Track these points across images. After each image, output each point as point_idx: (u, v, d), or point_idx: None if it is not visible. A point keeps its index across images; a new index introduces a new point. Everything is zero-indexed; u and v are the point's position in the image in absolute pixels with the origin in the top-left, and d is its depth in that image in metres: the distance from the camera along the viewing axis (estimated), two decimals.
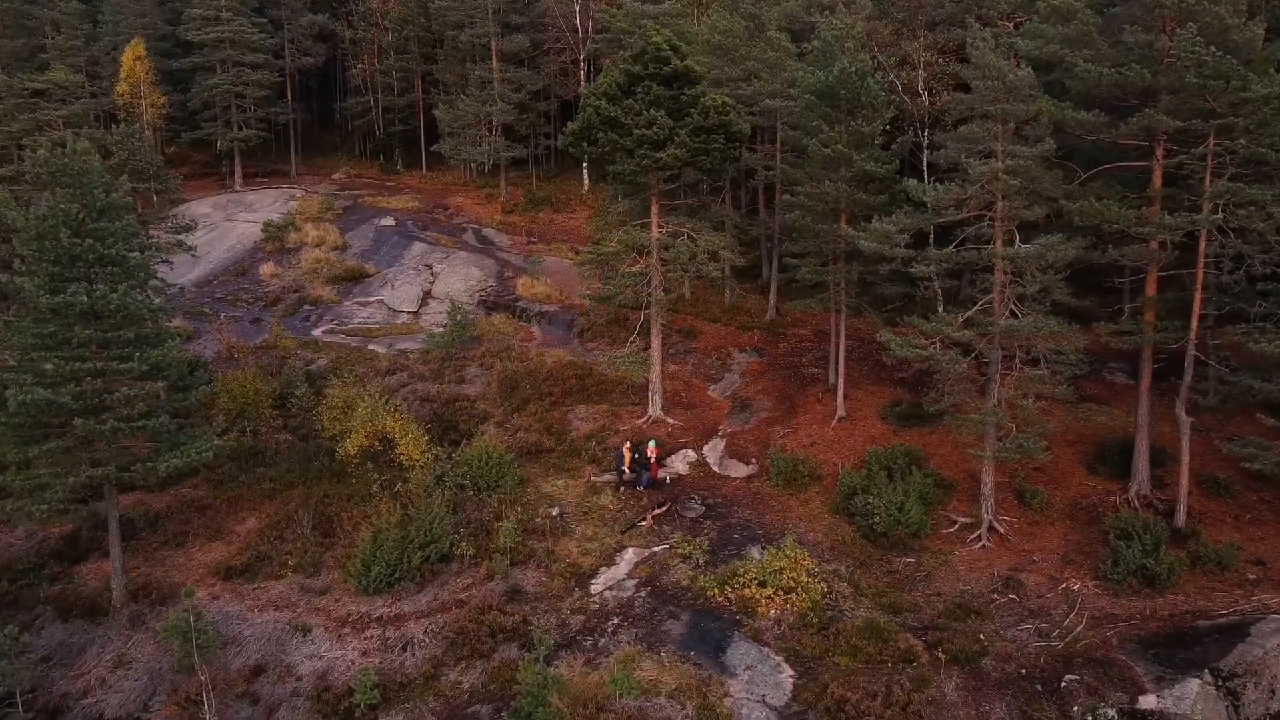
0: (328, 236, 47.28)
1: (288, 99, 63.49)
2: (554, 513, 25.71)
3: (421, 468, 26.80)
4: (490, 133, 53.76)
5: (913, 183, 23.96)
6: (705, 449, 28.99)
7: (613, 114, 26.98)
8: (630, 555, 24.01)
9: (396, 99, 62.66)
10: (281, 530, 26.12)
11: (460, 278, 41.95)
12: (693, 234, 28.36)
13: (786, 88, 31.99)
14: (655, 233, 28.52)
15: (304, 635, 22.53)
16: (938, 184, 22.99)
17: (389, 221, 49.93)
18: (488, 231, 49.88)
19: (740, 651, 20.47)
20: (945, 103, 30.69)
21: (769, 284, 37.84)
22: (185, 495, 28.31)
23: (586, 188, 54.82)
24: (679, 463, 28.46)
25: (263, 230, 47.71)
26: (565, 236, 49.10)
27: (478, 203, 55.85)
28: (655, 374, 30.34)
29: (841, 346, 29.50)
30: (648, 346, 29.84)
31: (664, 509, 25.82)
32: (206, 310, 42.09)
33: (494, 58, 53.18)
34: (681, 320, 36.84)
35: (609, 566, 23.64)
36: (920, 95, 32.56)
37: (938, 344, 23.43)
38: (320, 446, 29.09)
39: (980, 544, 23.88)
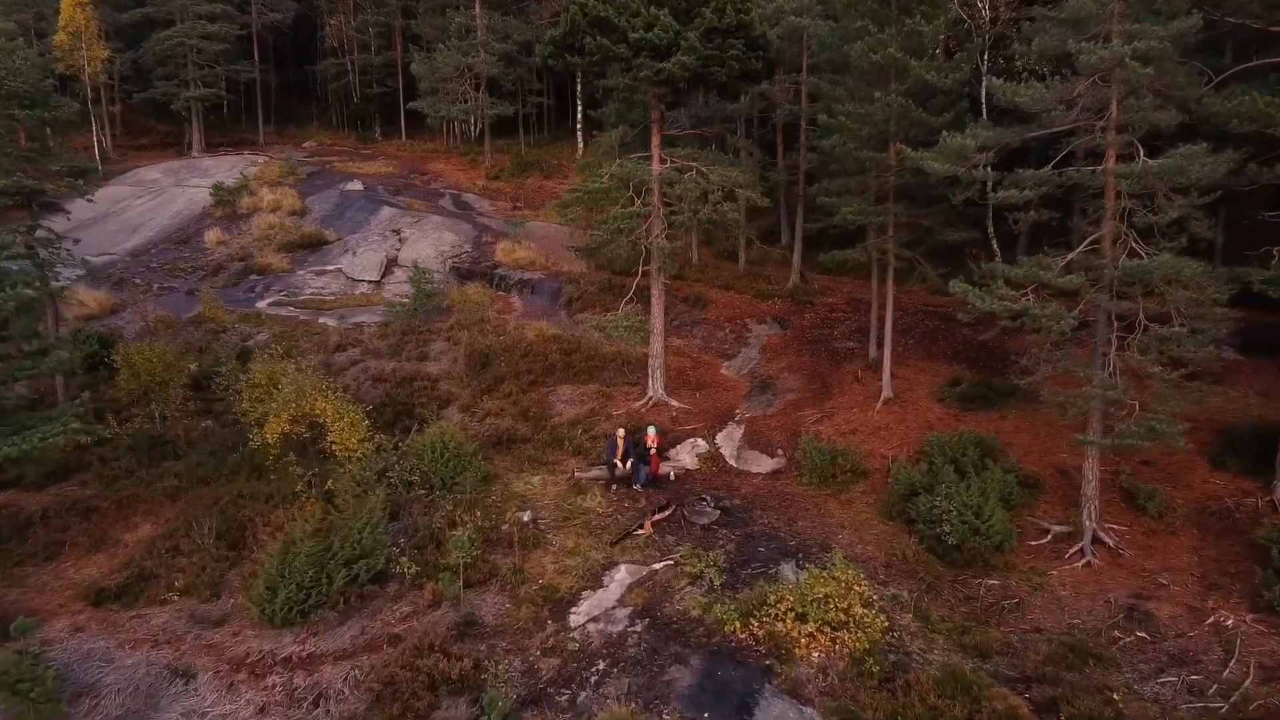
0: (285, 201, 41.72)
1: (254, 60, 57.82)
2: (524, 518, 19.96)
3: (360, 460, 21.07)
4: (475, 90, 48.00)
5: (997, 82, 18.10)
6: (719, 438, 23.22)
7: (604, 13, 21.18)
8: (623, 574, 18.26)
9: (374, 58, 56.97)
10: (178, 540, 20.42)
11: (431, 243, 36.22)
12: (703, 168, 22.55)
13: (815, 2, 26.27)
14: (656, 165, 22.75)
15: (185, 683, 16.74)
16: (1036, 81, 17.18)
17: (356, 186, 44.33)
18: (468, 197, 44.20)
19: (773, 713, 14.70)
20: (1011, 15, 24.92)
21: (791, 247, 32.13)
22: (69, 495, 22.64)
23: (582, 152, 49.08)
24: (686, 455, 22.70)
25: (212, 194, 42.02)
26: (555, 202, 43.29)
27: (459, 169, 50.28)
28: (656, 345, 24.59)
29: (888, 311, 23.72)
30: (647, 312, 24.06)
31: (667, 513, 20.07)
32: (138, 281, 36.62)
33: (477, 2, 47.38)
34: (688, 287, 31.09)
35: (594, 590, 17.89)
36: (980, 6, 26.68)
37: (1030, 296, 17.62)
38: (242, 435, 23.36)
39: (1084, 560, 18.09)
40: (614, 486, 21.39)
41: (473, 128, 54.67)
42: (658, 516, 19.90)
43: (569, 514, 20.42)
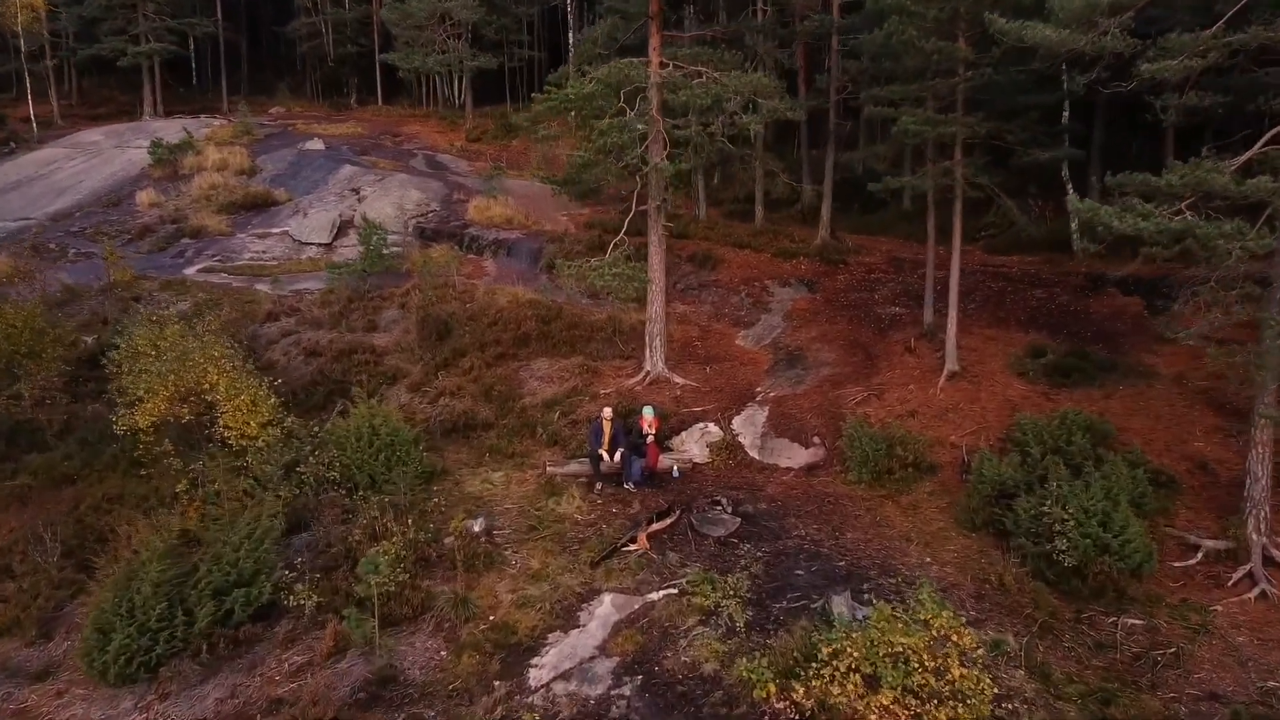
0: (233, 160, 36.56)
1: (216, 17, 52.60)
2: (475, 528, 14.70)
3: (262, 450, 15.83)
4: (455, 41, 42.74)
5: None
6: (736, 422, 17.96)
7: None
8: (606, 608, 13.03)
9: (346, 13, 51.74)
10: (13, 558, 15.22)
11: (392, 201, 30.99)
12: (715, 74, 17.26)
13: None
14: (655, 68, 17.45)
15: None
16: None
17: (317, 146, 39.17)
18: (444, 158, 39.02)
19: None
20: None
21: (815, 205, 26.94)
22: None
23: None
24: (693, 444, 17.47)
25: (150, 153, 36.81)
26: (545, 166, 37.97)
27: (437, 130, 45.09)
28: (655, 305, 19.35)
29: (955, 259, 18.43)
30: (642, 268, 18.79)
31: (668, 521, 14.87)
32: (53, 246, 31.44)
33: None
34: (694, 245, 25.82)
35: (566, 630, 12.65)
36: None
37: (1187, 213, 12.30)
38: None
39: (1256, 590, 12.83)
40: (598, 485, 16.17)
41: (455, 92, 49.54)
42: (656, 526, 14.67)
43: (537, 522, 15.17)
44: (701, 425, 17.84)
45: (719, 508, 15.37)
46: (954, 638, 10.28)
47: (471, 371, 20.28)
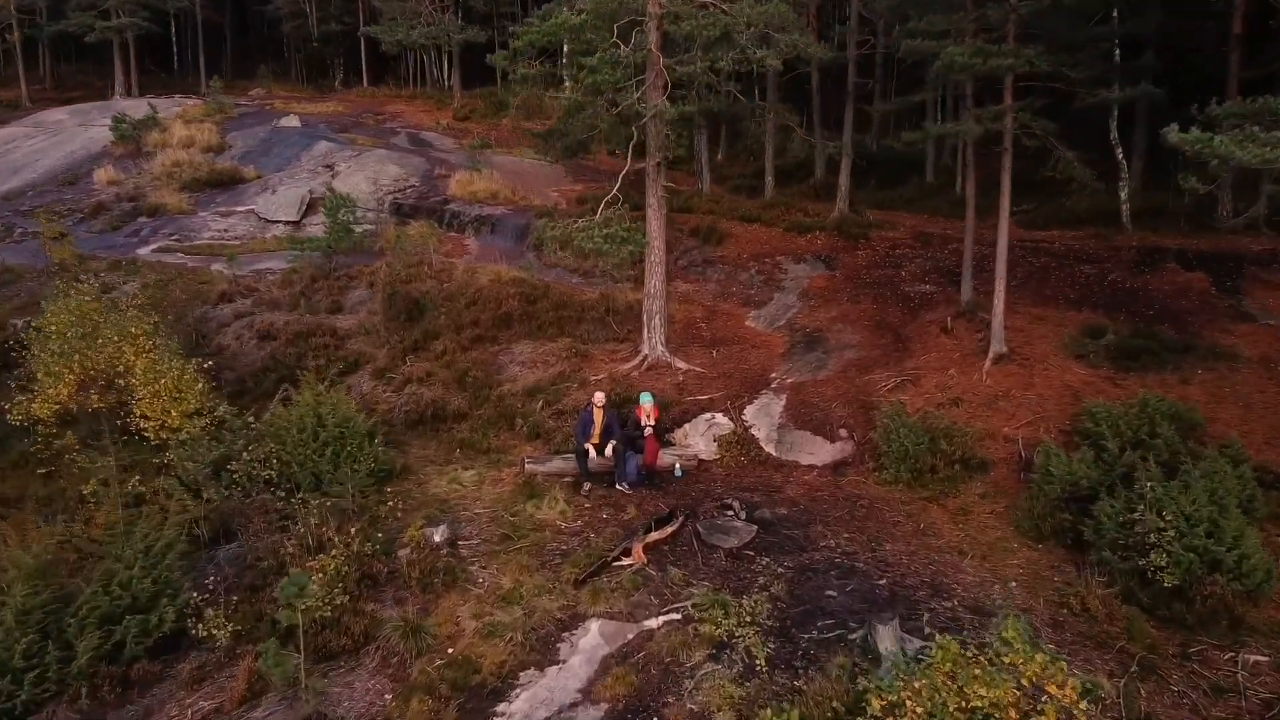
0: (200, 136, 34.01)
1: None
2: (435, 537, 12.12)
3: (186, 444, 13.26)
4: (442, 13, 40.20)
5: None
6: (749, 412, 15.39)
7: None
8: (593, 638, 10.46)
9: None
10: None
11: (367, 177, 28.42)
12: (724, 3, 14.69)
13: None
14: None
15: None
16: None
17: (293, 123, 36.61)
18: (428, 135, 36.45)
19: None
20: None
21: (828, 178, 24.42)
22: None
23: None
24: (699, 437, 14.91)
25: (112, 129, 34.24)
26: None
27: (423, 110, 42.52)
28: (654, 278, 16.80)
29: (1003, 223, 15.84)
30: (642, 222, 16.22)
31: (670, 529, 12.31)
32: None
33: None
34: (697, 219, 23.27)
35: (543, 668, 10.08)
36: None
37: None
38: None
39: None
40: (586, 486, 13.62)
41: (445, 75, 47.00)
42: (655, 535, 12.11)
43: (512, 530, 12.60)
44: (708, 416, 15.28)
45: (730, 513, 12.81)
46: (1055, 690, 7.69)
47: (444, 356, 17.73)
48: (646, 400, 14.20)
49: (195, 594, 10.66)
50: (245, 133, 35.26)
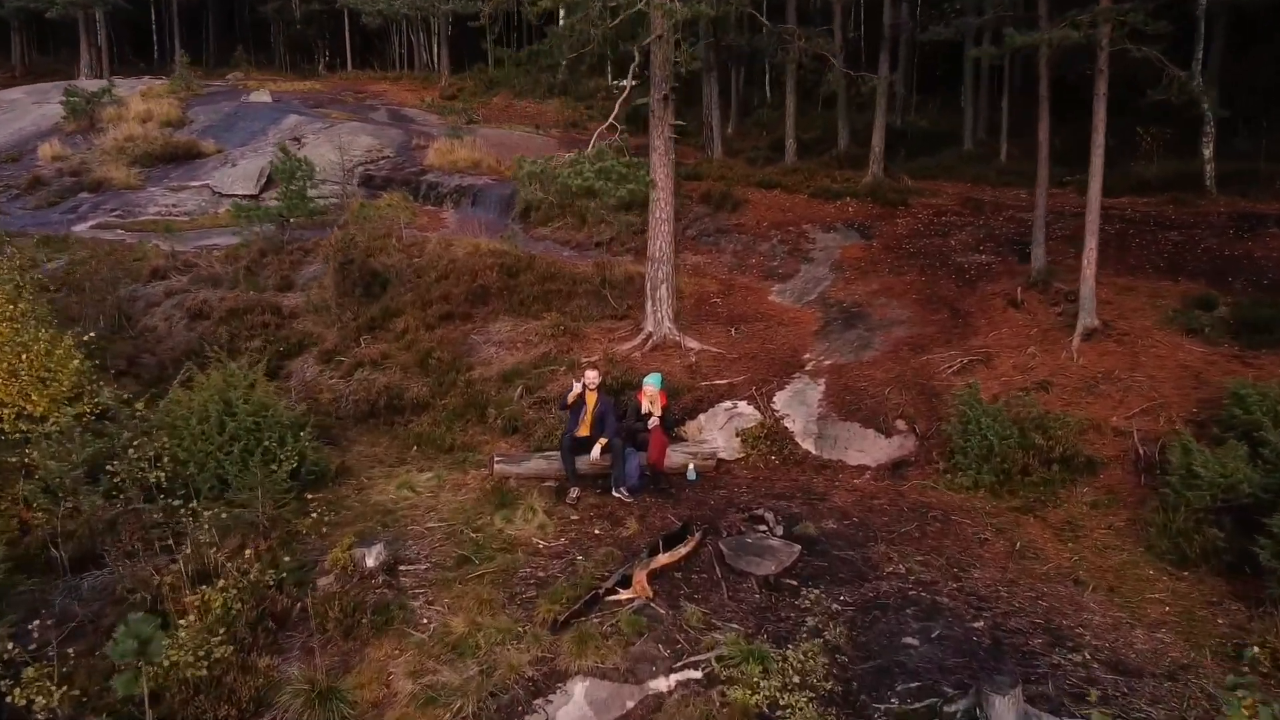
0: (159, 110, 30.97)
1: None
2: (369, 561, 8.98)
3: (54, 437, 10.13)
4: None
5: None
6: (779, 400, 12.27)
7: None
8: (577, 708, 7.35)
9: None
10: None
11: (337, 148, 25.30)
12: None
13: None
14: None
15: None
16: None
17: (263, 98, 33.64)
18: (410, 111, 33.43)
19: None
20: None
21: (852, 149, 21.42)
22: None
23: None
24: (716, 430, 11.82)
25: (64, 103, 31.22)
26: (527, 120, 32.38)
27: (409, 89, 39.46)
28: (659, 238, 13.70)
29: (1096, 169, 12.68)
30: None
31: (684, 549, 9.21)
32: None
33: None
34: (709, 185, 20.20)
35: None
36: None
37: None
38: None
39: None
40: (574, 492, 10.50)
41: (433, 56, 44.04)
42: (664, 558, 9.00)
43: (474, 551, 9.49)
44: (728, 405, 12.18)
45: (763, 528, 9.71)
46: None
47: (405, 335, 14.63)
48: (652, 383, 11.11)
49: (14, 646, 7.51)
50: (209, 107, 32.24)
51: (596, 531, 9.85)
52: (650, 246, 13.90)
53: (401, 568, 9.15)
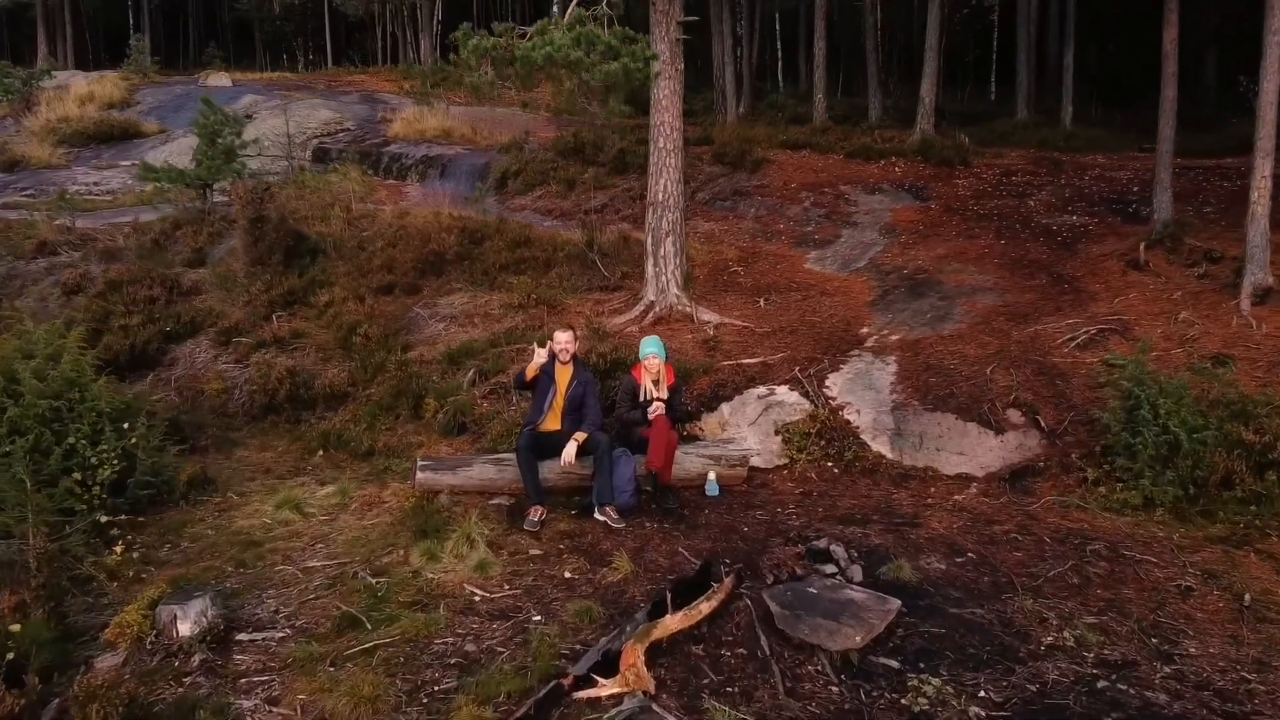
0: (102, 91, 27.77)
1: None
2: (182, 629, 5.33)
3: None
4: None
5: None
6: (834, 384, 8.67)
7: None
8: None
9: None
10: None
11: (291, 121, 21.95)
12: None
13: None
14: None
15: None
16: None
17: (221, 82, 30.49)
18: (385, 95, 30.08)
19: None
20: None
21: (884, 119, 18.05)
22: None
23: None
24: (746, 425, 8.23)
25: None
26: (515, 104, 28.99)
27: (388, 80, 36.12)
28: (664, 177, 10.20)
29: (1271, 66, 9.17)
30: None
31: (708, 604, 5.54)
32: None
33: None
34: (723, 144, 16.75)
35: None
36: None
37: None
38: None
39: None
40: (536, 514, 6.90)
41: (419, 51, 40.91)
42: (673, 623, 5.35)
43: (368, 608, 5.85)
44: (762, 391, 8.60)
45: (831, 570, 6.08)
46: None
47: (328, 309, 11.08)
48: (654, 351, 7.54)
49: None
50: (160, 90, 29.04)
51: (567, 574, 6.25)
52: (651, 187, 10.41)
53: (241, 637, 5.54)
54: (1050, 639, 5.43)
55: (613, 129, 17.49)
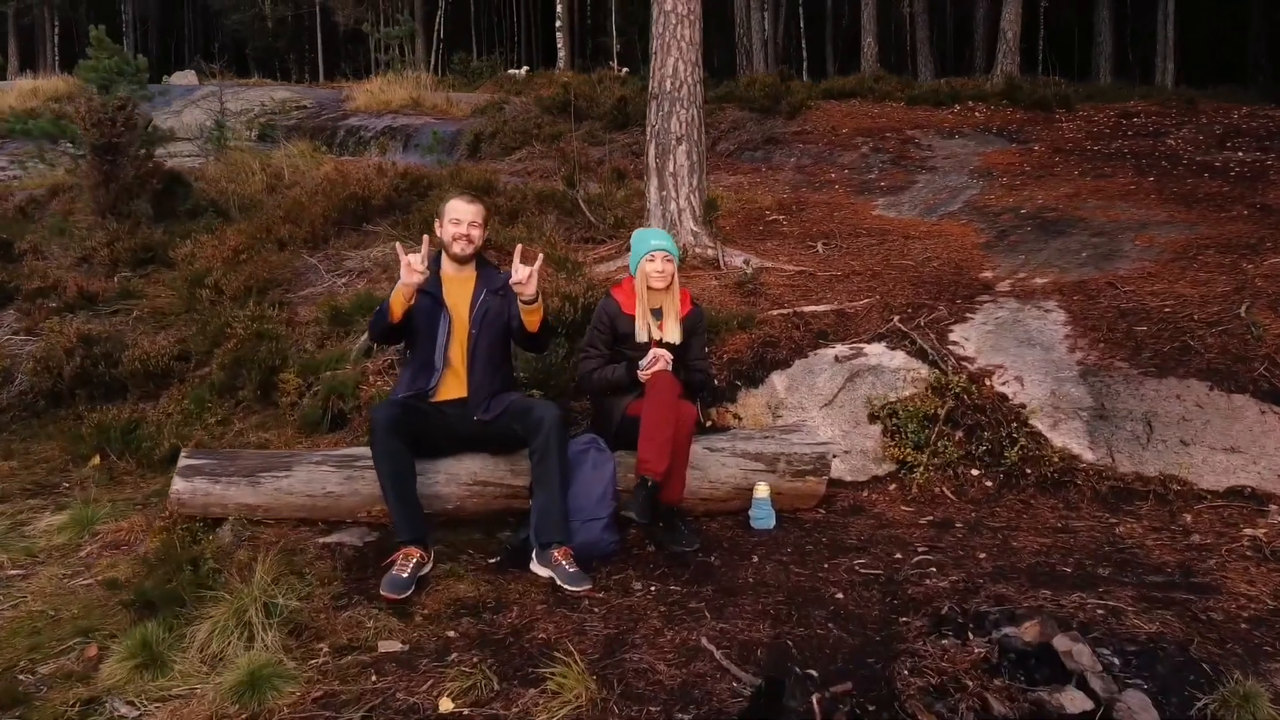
0: (46, 86, 24.81)
1: None
2: None
3: None
4: None
5: None
6: (961, 338, 5.05)
7: None
8: None
9: None
10: None
11: (239, 102, 18.86)
12: None
13: None
14: None
15: None
16: None
17: (186, 80, 27.46)
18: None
19: None
20: None
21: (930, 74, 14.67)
22: None
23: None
24: (817, 408, 4.57)
25: None
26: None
27: (376, 88, 33.31)
28: (673, 55, 6.72)
29: None
30: None
31: None
32: None
33: None
34: (748, 89, 13.35)
35: None
36: None
37: None
38: None
39: None
40: (411, 566, 3.21)
41: (415, 61, 38.17)
42: None
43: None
44: (842, 349, 4.99)
45: (1073, 699, 2.40)
46: None
47: (187, 264, 7.61)
48: (658, 243, 3.96)
49: None
50: (114, 86, 26.02)
51: (444, 710, 2.62)
52: (655, 70, 6.97)
53: None
54: None
55: (611, 78, 14.19)
